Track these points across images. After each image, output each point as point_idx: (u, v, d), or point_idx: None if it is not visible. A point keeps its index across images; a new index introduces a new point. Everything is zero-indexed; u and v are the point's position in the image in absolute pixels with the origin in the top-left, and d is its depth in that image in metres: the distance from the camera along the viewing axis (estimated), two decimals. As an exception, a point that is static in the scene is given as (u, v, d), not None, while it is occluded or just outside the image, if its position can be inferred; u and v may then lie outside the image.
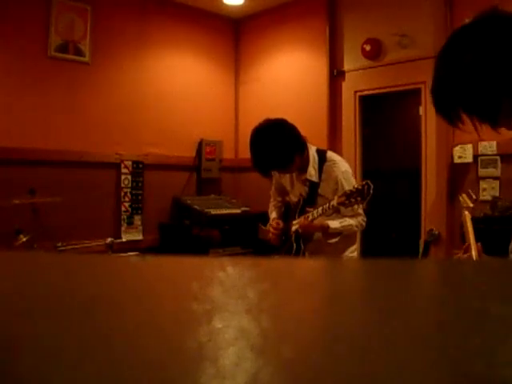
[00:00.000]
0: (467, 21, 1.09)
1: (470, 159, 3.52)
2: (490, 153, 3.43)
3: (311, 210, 2.29)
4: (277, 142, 2.24)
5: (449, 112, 1.13)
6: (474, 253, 1.52)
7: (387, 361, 0.21)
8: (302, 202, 2.40)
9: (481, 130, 1.11)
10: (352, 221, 2.31)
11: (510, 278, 0.40)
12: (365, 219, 2.35)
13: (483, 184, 3.48)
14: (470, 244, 1.57)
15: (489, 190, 3.44)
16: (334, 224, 2.29)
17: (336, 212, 2.33)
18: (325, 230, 2.30)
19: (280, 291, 0.35)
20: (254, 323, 0.25)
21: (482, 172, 3.49)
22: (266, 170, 2.35)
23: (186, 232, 4.15)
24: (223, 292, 0.32)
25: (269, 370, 0.19)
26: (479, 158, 3.48)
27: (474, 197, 1.97)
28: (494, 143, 3.37)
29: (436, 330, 0.25)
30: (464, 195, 2.00)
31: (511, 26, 1.05)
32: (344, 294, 0.35)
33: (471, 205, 1.92)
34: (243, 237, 4.18)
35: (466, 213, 1.84)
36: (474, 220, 1.96)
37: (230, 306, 0.29)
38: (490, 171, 3.45)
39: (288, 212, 2.55)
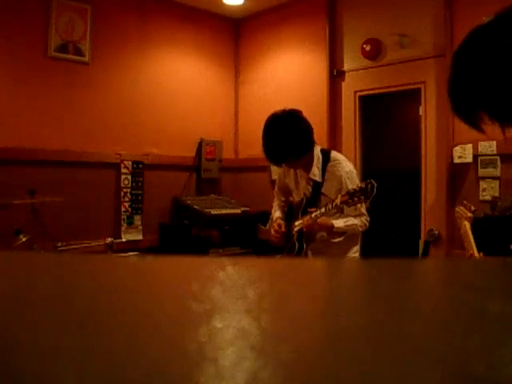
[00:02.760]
0: (485, 19, 1.05)
1: (469, 159, 3.52)
2: (489, 153, 3.43)
3: (313, 210, 2.29)
4: (296, 128, 2.27)
5: (469, 115, 1.06)
6: None
7: (387, 361, 0.21)
8: (305, 202, 2.39)
9: (508, 131, 1.07)
10: (356, 220, 2.30)
11: (510, 277, 0.40)
12: (368, 219, 2.34)
13: (483, 184, 3.48)
14: (472, 254, 1.57)
15: (489, 190, 3.44)
16: (339, 223, 2.29)
17: (339, 212, 2.32)
18: (329, 229, 2.30)
19: (280, 291, 0.35)
20: (253, 323, 0.25)
21: (481, 172, 3.49)
22: (278, 157, 2.33)
23: (186, 232, 4.15)
24: (223, 292, 0.32)
25: (268, 370, 0.19)
26: (479, 158, 3.48)
27: (472, 208, 1.95)
28: (494, 143, 3.37)
29: (436, 330, 0.25)
30: (461, 207, 1.98)
31: None
32: (344, 294, 0.35)
33: (470, 214, 1.90)
34: (243, 237, 4.18)
35: (466, 222, 1.83)
36: (474, 220, 1.95)
37: (230, 305, 0.29)
38: (490, 171, 3.45)
39: (291, 212, 2.54)
